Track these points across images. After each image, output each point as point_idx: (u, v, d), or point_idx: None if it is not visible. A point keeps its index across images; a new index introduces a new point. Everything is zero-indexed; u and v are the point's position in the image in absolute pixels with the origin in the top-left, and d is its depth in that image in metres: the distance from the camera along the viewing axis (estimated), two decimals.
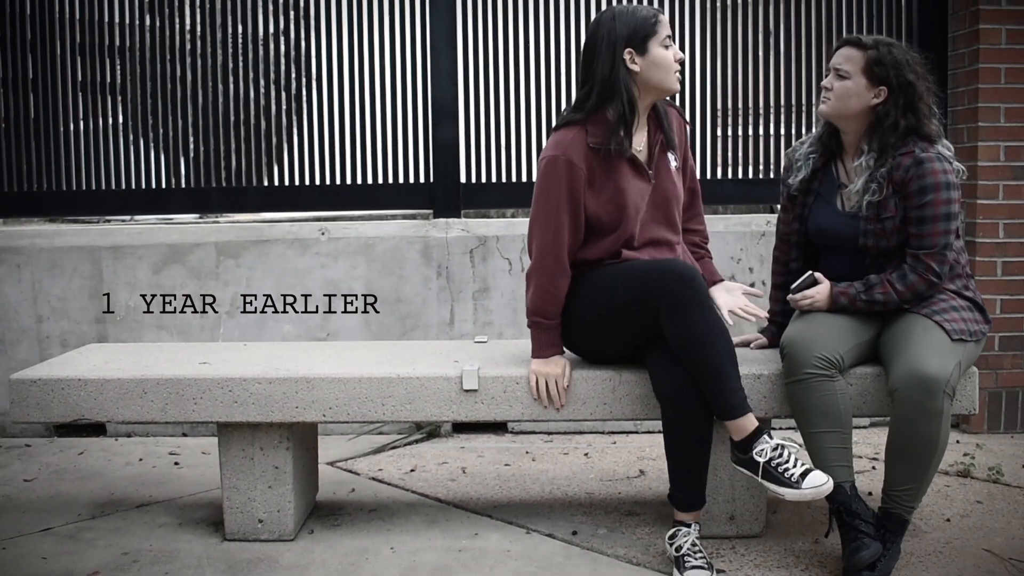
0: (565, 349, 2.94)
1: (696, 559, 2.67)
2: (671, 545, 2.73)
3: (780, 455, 2.60)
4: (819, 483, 2.57)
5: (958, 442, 4.01)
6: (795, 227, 3.04)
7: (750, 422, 2.64)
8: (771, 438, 2.63)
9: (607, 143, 2.76)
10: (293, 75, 4.46)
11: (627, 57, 2.76)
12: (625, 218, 2.81)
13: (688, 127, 3.12)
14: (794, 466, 2.59)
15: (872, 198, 2.81)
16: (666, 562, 2.80)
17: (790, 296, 2.96)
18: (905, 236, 2.81)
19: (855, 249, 2.90)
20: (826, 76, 2.91)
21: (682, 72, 3.68)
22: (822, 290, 2.88)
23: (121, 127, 4.45)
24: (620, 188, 2.80)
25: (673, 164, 2.92)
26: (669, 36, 2.79)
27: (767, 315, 3.14)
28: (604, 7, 4.34)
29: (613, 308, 2.76)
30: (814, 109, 4.37)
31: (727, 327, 2.70)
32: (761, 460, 2.60)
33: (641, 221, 2.85)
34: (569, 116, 2.83)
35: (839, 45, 2.91)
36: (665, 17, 2.81)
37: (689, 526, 2.74)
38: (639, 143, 2.86)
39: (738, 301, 2.89)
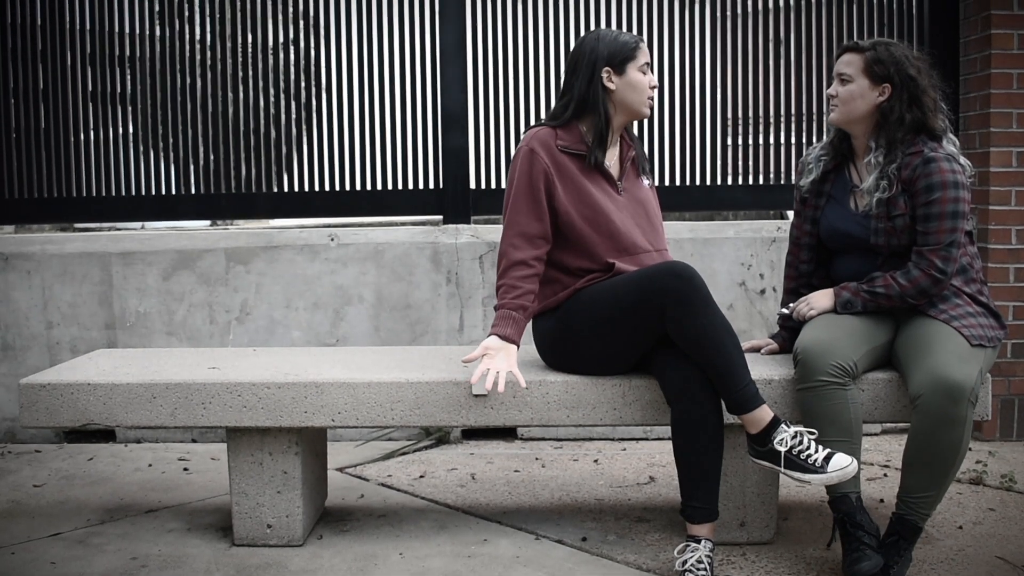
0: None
1: (697, 575, 2.62)
2: (678, 559, 2.69)
3: (800, 442, 2.59)
4: (844, 464, 2.56)
5: (971, 449, 3.98)
6: (806, 229, 3.05)
7: (765, 413, 2.62)
8: (788, 427, 2.61)
9: (589, 155, 2.88)
10: (303, 84, 4.47)
11: (604, 75, 2.88)
12: (603, 225, 2.86)
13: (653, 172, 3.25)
14: (816, 451, 2.58)
15: (882, 195, 2.82)
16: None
17: (785, 311, 3.03)
18: (916, 235, 2.81)
19: (868, 250, 2.90)
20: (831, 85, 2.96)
21: (658, 99, 3.79)
22: (818, 293, 2.93)
23: (131, 136, 4.46)
24: (589, 193, 2.87)
25: (645, 182, 3.04)
26: (647, 64, 2.93)
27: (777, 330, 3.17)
28: (612, 13, 4.37)
29: (617, 317, 2.75)
30: (824, 117, 4.38)
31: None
32: (782, 449, 2.59)
33: (622, 228, 2.89)
34: (540, 123, 2.97)
35: (839, 53, 2.97)
36: (644, 46, 2.93)
37: (699, 542, 2.68)
38: (610, 159, 2.97)
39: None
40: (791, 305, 3.01)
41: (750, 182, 4.50)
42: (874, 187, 2.84)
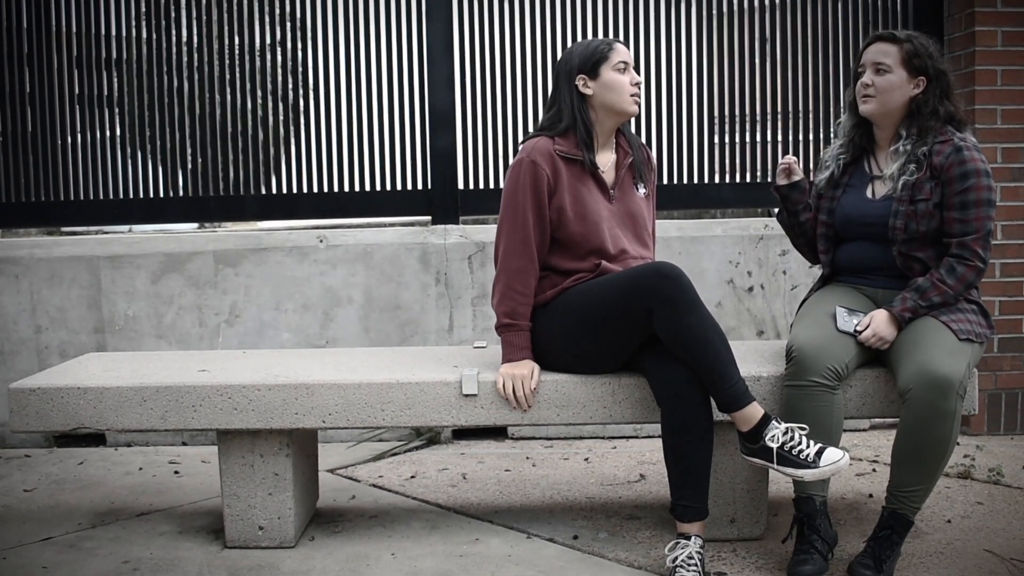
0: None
1: (688, 570, 2.64)
2: (668, 556, 2.71)
3: (792, 438, 2.60)
4: (836, 459, 2.57)
5: (959, 444, 4.00)
6: (823, 219, 3.04)
7: (756, 411, 2.63)
8: (779, 423, 2.62)
9: (581, 159, 2.90)
10: (290, 85, 4.47)
11: (579, 83, 2.92)
12: (592, 227, 2.88)
13: (656, 173, 3.20)
14: (807, 446, 2.59)
15: (910, 177, 2.82)
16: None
17: (852, 331, 2.83)
18: (936, 223, 2.80)
19: (882, 237, 2.88)
20: (860, 73, 2.91)
21: (644, 96, 3.77)
22: (880, 321, 2.79)
23: (118, 139, 4.45)
24: (582, 199, 2.89)
25: (641, 191, 3.03)
26: (624, 62, 2.93)
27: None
28: (599, 12, 4.38)
29: (605, 317, 2.76)
30: (810, 114, 4.41)
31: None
32: (774, 446, 2.59)
33: (611, 236, 2.91)
34: (538, 132, 2.98)
35: (871, 41, 2.92)
36: (621, 46, 2.94)
37: (689, 539, 2.69)
38: (604, 164, 2.97)
39: None
40: (858, 328, 2.80)
41: (737, 180, 4.51)
42: (900, 171, 2.84)
